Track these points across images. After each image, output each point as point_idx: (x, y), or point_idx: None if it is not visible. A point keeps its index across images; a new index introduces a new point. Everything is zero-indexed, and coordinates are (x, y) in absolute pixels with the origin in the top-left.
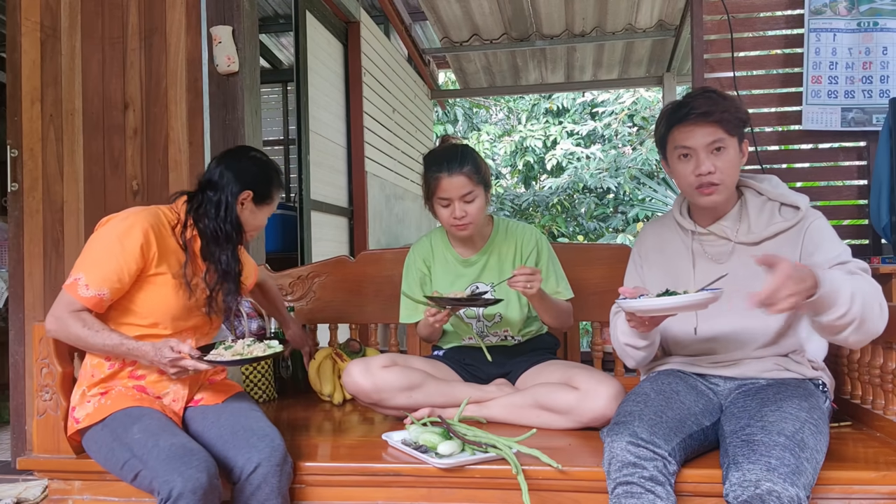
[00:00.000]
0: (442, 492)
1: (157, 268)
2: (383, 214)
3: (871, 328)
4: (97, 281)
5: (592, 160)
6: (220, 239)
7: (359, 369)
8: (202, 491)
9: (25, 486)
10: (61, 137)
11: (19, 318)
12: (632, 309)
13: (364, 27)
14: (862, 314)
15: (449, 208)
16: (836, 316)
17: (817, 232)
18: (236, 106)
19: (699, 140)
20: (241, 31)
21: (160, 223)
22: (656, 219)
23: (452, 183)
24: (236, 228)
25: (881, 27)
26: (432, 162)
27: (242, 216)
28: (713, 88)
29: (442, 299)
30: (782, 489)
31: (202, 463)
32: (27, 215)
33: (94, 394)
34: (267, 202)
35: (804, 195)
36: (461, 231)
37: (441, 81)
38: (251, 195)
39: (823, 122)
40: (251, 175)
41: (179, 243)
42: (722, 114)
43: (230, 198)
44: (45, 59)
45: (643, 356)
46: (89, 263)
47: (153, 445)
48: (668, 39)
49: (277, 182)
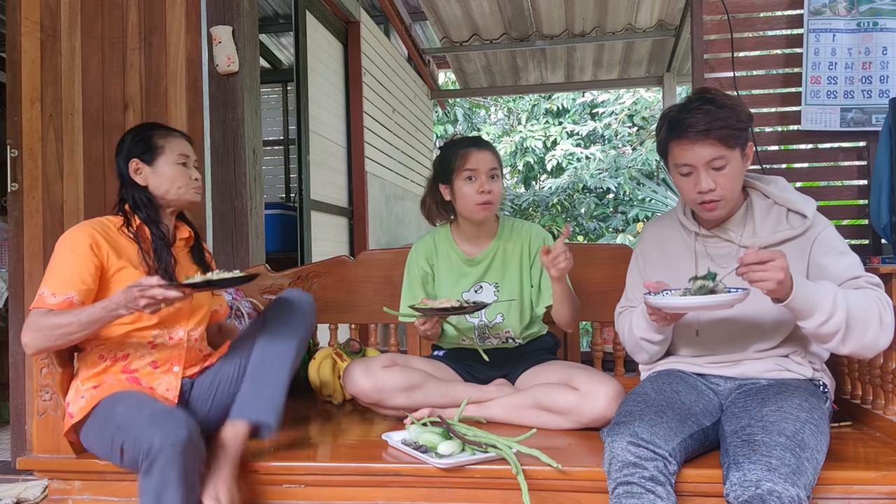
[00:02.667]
0: (442, 492)
1: (118, 262)
2: (383, 214)
3: (865, 341)
4: (61, 286)
5: (592, 160)
6: (142, 211)
7: (359, 369)
8: (181, 446)
9: (25, 486)
10: (61, 137)
11: (19, 318)
12: (659, 306)
13: (364, 27)
14: (847, 324)
15: (475, 182)
16: (817, 323)
17: (826, 244)
18: (236, 106)
19: (698, 158)
20: (241, 31)
21: (105, 227)
22: (658, 218)
23: (482, 156)
24: (143, 195)
25: (881, 27)
26: (457, 143)
27: (149, 182)
28: (712, 92)
29: (428, 310)
30: (783, 489)
31: (182, 421)
32: (27, 215)
33: (87, 388)
34: (157, 154)
35: (811, 200)
36: (485, 210)
37: (441, 81)
38: (137, 160)
39: (823, 123)
40: (125, 144)
41: (130, 237)
42: (721, 130)
43: (126, 174)
44: (45, 59)
45: (657, 350)
46: (49, 277)
47: (136, 415)
48: (668, 39)
49: (148, 132)
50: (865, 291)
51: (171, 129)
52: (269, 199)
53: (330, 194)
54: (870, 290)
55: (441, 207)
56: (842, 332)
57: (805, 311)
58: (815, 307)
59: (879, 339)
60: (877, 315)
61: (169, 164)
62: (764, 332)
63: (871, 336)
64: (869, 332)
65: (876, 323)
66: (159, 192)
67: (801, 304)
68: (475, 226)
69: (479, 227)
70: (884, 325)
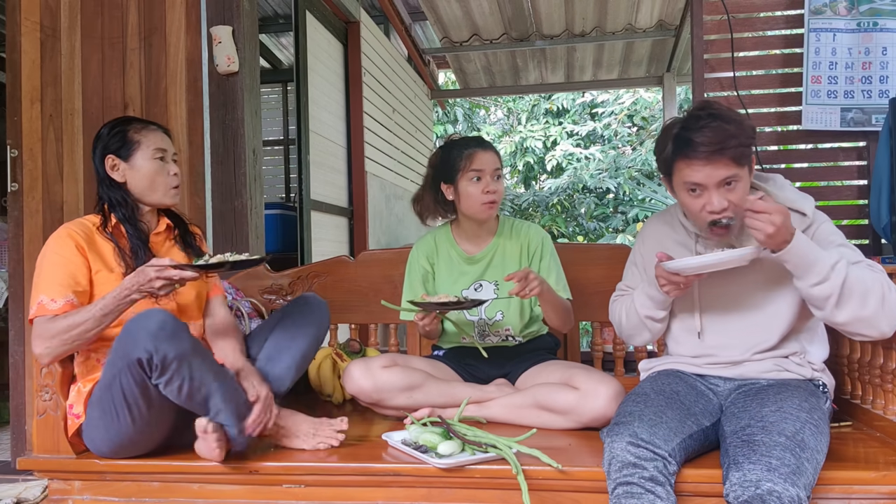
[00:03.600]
0: (442, 492)
1: (95, 265)
2: (383, 214)
3: (863, 314)
4: (59, 290)
5: (592, 161)
6: (118, 210)
7: (359, 369)
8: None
9: (25, 486)
10: (61, 137)
11: (19, 318)
12: (677, 269)
13: (364, 27)
14: (843, 292)
15: (480, 183)
16: (812, 282)
17: (824, 237)
18: (236, 106)
19: (710, 178)
20: (241, 31)
21: (84, 227)
22: (659, 215)
23: (487, 157)
24: (119, 194)
25: (881, 27)
26: (460, 143)
27: (127, 179)
28: (715, 107)
29: (428, 304)
30: (783, 489)
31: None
32: (27, 215)
33: (88, 389)
34: (133, 149)
35: (809, 198)
36: (489, 209)
37: (441, 81)
38: (114, 157)
39: (823, 123)
40: (100, 140)
41: (106, 237)
42: (736, 148)
43: (101, 171)
44: (45, 59)
45: (659, 328)
46: (43, 284)
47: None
48: (668, 39)
49: (123, 126)
50: (871, 272)
51: (146, 122)
52: (269, 199)
53: (330, 194)
54: (875, 272)
55: (441, 207)
56: (835, 297)
57: (800, 268)
58: (811, 266)
59: (880, 318)
60: (879, 292)
61: (146, 159)
62: (766, 336)
63: (870, 310)
64: (868, 306)
65: (878, 299)
66: (136, 191)
67: (796, 260)
68: (476, 225)
69: (480, 225)
70: (886, 304)
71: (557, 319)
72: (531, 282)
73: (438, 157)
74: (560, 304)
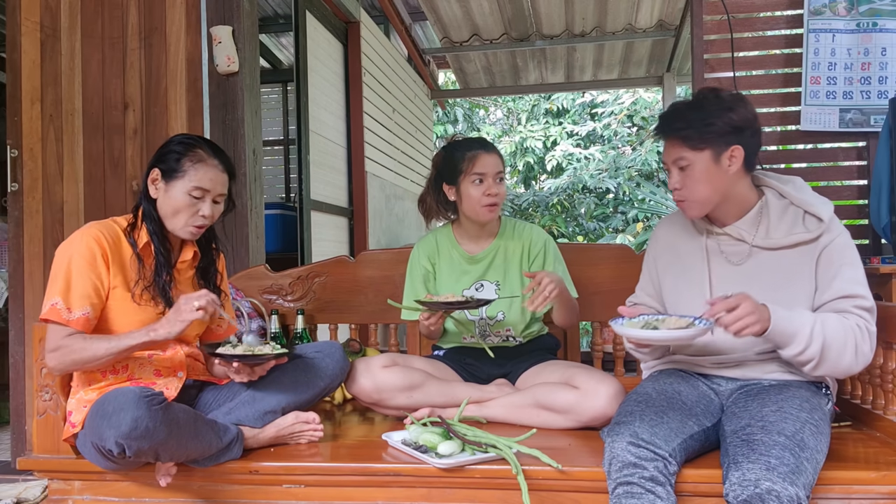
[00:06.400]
0: (442, 492)
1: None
2: (383, 214)
3: (838, 368)
4: (77, 301)
5: (592, 161)
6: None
7: (359, 369)
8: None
9: (25, 486)
10: (61, 137)
11: (19, 318)
12: (622, 334)
13: (364, 27)
14: (821, 355)
15: (482, 185)
16: (793, 353)
17: (837, 254)
18: (236, 106)
19: (668, 156)
20: (241, 31)
21: (113, 232)
22: (669, 216)
23: (490, 159)
24: (150, 205)
25: (880, 28)
26: (463, 144)
27: (159, 199)
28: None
29: (434, 304)
30: (781, 488)
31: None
32: (27, 215)
33: (90, 399)
34: (175, 177)
35: (828, 202)
36: (491, 212)
37: (441, 81)
38: (159, 172)
39: (822, 123)
40: (158, 154)
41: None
42: (686, 130)
43: (144, 179)
44: (45, 59)
45: (650, 358)
46: (62, 287)
47: None
48: (668, 39)
49: (180, 151)
50: (846, 318)
51: (214, 154)
52: (269, 199)
53: (330, 194)
54: (852, 317)
55: (442, 206)
56: (815, 361)
57: (782, 342)
58: (792, 338)
59: (852, 367)
60: (853, 345)
61: (181, 191)
62: None
63: (844, 364)
64: (843, 361)
65: (851, 353)
66: (161, 213)
67: (779, 337)
68: (478, 225)
69: (481, 226)
70: (859, 354)
71: (568, 318)
72: (547, 286)
73: (441, 158)
74: (572, 303)
